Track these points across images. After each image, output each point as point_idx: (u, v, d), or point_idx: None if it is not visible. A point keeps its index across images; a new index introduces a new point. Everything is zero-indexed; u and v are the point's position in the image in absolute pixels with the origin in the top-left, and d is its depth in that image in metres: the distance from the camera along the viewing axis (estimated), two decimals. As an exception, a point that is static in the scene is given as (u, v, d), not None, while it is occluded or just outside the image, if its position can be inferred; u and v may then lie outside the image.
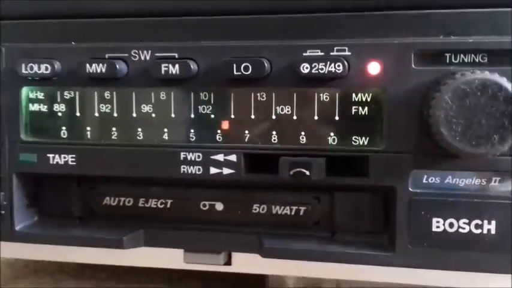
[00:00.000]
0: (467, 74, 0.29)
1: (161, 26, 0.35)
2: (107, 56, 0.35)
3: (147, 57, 0.34)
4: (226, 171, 0.34)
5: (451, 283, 0.34)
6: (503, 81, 0.27)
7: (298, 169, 0.32)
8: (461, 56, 0.31)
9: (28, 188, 0.38)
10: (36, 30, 0.36)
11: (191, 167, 0.34)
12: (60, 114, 0.36)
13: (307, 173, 0.32)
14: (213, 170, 0.34)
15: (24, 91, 0.36)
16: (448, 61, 0.31)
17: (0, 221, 0.37)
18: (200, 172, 0.34)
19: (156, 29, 0.35)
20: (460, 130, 0.27)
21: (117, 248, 0.36)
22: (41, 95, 0.36)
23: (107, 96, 0.35)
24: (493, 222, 0.31)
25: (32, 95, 0.36)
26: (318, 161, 0.32)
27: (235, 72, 0.32)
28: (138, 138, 0.35)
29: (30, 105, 0.36)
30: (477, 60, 0.31)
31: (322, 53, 0.32)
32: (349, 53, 0.32)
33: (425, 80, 0.31)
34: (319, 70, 0.31)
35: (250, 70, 0.32)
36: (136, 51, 0.34)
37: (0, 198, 0.37)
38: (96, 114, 0.36)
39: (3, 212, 0.37)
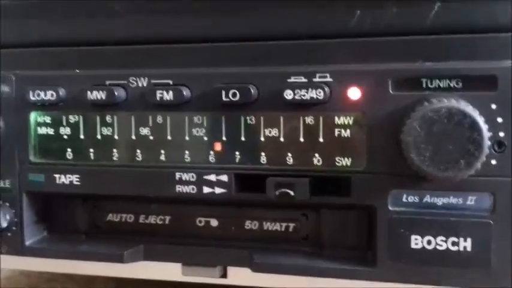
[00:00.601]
0: (434, 101, 0.30)
1: (157, 53, 0.37)
2: (107, 82, 0.37)
3: (144, 84, 0.37)
4: (218, 190, 0.36)
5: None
6: (469, 108, 0.29)
7: (283, 189, 0.34)
8: (437, 81, 0.33)
9: (37, 206, 0.40)
10: (42, 57, 0.39)
11: (186, 187, 0.37)
12: (65, 137, 0.39)
13: (292, 193, 0.34)
14: (206, 190, 0.36)
15: (33, 115, 0.39)
16: (424, 86, 0.33)
17: (11, 237, 0.40)
18: (194, 191, 0.37)
19: (152, 56, 0.37)
20: (429, 155, 0.29)
21: (118, 262, 0.38)
22: (47, 119, 0.39)
23: (108, 120, 0.38)
24: (469, 240, 0.33)
25: (39, 119, 0.39)
26: (302, 181, 0.34)
27: (224, 99, 0.35)
28: (137, 159, 0.38)
29: (38, 128, 0.39)
30: (452, 86, 0.32)
31: (306, 79, 0.34)
32: (331, 79, 0.34)
33: (401, 104, 0.32)
34: (302, 96, 0.33)
35: (238, 96, 0.34)
36: (134, 78, 0.37)
37: (11, 215, 0.40)
38: (99, 137, 0.38)
39: (14, 228, 0.40)
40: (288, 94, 0.33)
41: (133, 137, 0.38)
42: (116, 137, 0.38)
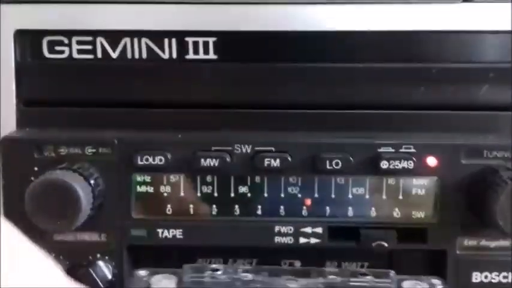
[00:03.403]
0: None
1: (259, 118, 0.42)
2: (213, 148, 0.42)
3: (248, 150, 0.42)
4: (313, 240, 0.43)
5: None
6: None
7: (378, 242, 0.41)
8: (495, 153, 0.42)
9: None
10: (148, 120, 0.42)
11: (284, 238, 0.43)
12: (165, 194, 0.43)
13: (386, 244, 0.41)
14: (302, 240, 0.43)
15: (134, 177, 0.42)
16: (485, 156, 0.42)
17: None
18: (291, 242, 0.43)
19: (254, 121, 0.42)
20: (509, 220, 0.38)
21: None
22: (148, 179, 0.42)
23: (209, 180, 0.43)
24: (516, 274, 0.43)
25: (139, 179, 0.42)
26: (391, 233, 0.42)
27: (328, 167, 0.41)
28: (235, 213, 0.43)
29: (138, 187, 0.43)
30: (506, 156, 0.41)
31: (393, 150, 0.41)
32: (414, 150, 0.41)
33: (470, 171, 0.41)
34: (395, 166, 0.41)
35: (340, 165, 0.41)
36: (239, 145, 0.42)
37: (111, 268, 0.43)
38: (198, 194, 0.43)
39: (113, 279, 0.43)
40: (384, 164, 0.41)
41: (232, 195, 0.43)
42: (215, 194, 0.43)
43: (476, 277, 0.43)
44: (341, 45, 0.42)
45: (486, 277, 0.43)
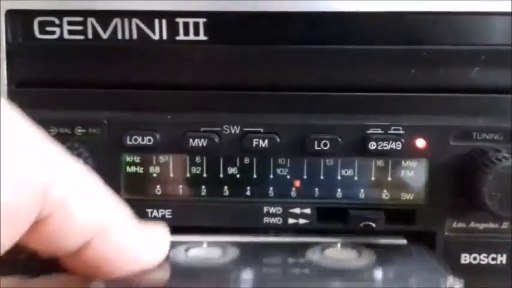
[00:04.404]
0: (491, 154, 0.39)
1: (248, 100, 0.42)
2: (202, 129, 0.42)
3: (237, 131, 0.42)
4: (302, 221, 0.43)
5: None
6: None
7: (366, 222, 0.41)
8: (484, 134, 0.41)
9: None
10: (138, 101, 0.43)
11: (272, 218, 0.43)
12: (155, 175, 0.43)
13: (374, 225, 0.41)
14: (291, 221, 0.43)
15: (124, 157, 0.42)
16: (474, 138, 0.41)
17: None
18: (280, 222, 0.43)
19: (243, 102, 0.42)
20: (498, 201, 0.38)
21: None
22: (137, 159, 0.43)
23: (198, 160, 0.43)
24: (504, 255, 0.43)
25: (129, 159, 0.43)
26: (380, 214, 0.42)
27: (316, 148, 0.41)
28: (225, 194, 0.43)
29: (128, 167, 0.43)
30: (495, 138, 0.41)
31: (382, 131, 0.41)
32: (403, 132, 0.41)
33: (459, 153, 0.41)
34: (384, 147, 0.41)
35: (328, 146, 0.41)
36: (228, 126, 0.42)
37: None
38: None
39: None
40: (372, 145, 0.41)
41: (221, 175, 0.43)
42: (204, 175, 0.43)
43: (465, 259, 0.43)
44: (331, 26, 0.42)
45: (475, 259, 0.43)
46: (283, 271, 0.37)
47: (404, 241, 0.42)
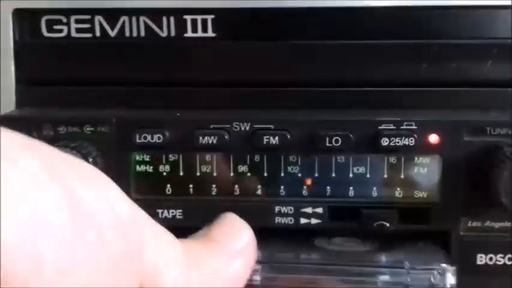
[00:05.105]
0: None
1: (258, 97, 0.42)
2: (211, 126, 0.41)
3: (247, 128, 0.41)
4: (314, 221, 0.42)
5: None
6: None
7: (380, 222, 0.40)
8: (498, 129, 0.41)
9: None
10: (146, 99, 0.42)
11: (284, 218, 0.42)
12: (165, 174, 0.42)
13: (387, 224, 0.40)
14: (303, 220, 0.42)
15: (133, 156, 0.42)
16: (488, 133, 0.41)
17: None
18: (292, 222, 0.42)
19: (253, 99, 0.42)
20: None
21: None
22: (147, 158, 0.42)
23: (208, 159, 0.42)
24: (521, 256, 0.42)
25: (139, 158, 0.42)
26: (393, 213, 0.41)
27: (327, 144, 0.40)
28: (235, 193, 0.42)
29: (137, 166, 0.42)
30: (510, 133, 0.40)
31: (394, 127, 0.40)
32: (416, 127, 0.40)
33: (472, 149, 0.40)
34: (396, 143, 0.40)
35: (339, 143, 0.40)
36: (238, 123, 0.41)
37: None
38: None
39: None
40: (385, 141, 0.40)
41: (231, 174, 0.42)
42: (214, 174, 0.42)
43: (481, 259, 0.42)
44: (341, 21, 0.42)
45: (491, 259, 0.42)
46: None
47: None
